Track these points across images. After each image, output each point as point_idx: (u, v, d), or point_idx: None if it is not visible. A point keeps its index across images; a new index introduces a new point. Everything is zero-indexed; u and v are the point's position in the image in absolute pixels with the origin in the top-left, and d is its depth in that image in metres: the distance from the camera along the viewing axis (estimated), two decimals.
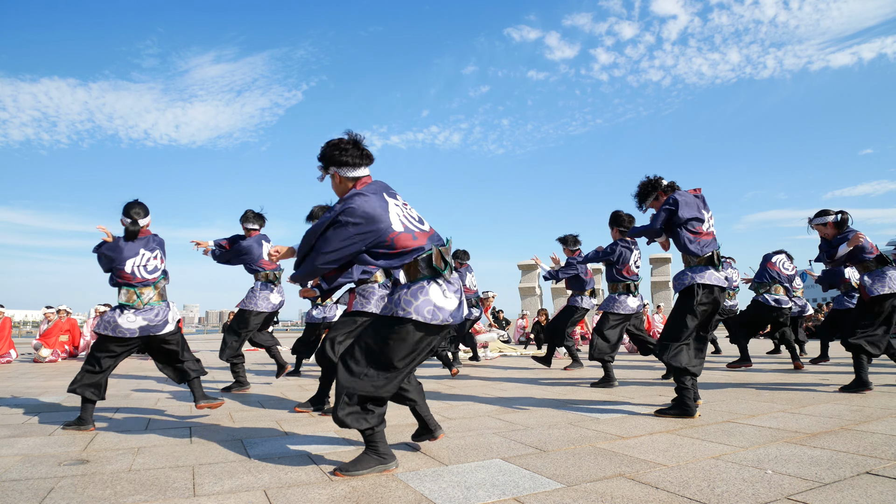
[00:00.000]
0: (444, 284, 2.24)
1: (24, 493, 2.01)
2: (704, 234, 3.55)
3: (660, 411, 3.40)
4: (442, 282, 2.25)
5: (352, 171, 2.31)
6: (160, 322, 3.38)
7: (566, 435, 2.90)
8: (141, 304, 3.36)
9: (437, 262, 2.23)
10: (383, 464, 2.23)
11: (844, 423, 3.02)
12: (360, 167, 2.32)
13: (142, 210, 3.47)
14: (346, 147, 2.30)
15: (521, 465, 2.31)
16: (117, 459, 2.50)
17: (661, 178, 3.80)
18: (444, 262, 2.24)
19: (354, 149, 2.30)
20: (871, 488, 1.90)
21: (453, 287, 2.28)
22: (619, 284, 5.14)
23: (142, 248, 3.38)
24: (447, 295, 2.23)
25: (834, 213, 4.50)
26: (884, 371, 5.68)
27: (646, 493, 1.91)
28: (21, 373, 7.21)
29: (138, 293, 3.37)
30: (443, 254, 2.25)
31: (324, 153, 2.35)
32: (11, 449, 2.72)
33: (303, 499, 1.93)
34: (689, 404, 3.27)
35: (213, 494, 1.99)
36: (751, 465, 2.23)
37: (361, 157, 2.31)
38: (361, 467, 2.20)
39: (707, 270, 3.46)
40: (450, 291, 2.25)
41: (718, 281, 3.46)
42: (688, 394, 3.29)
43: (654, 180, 3.78)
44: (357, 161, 2.30)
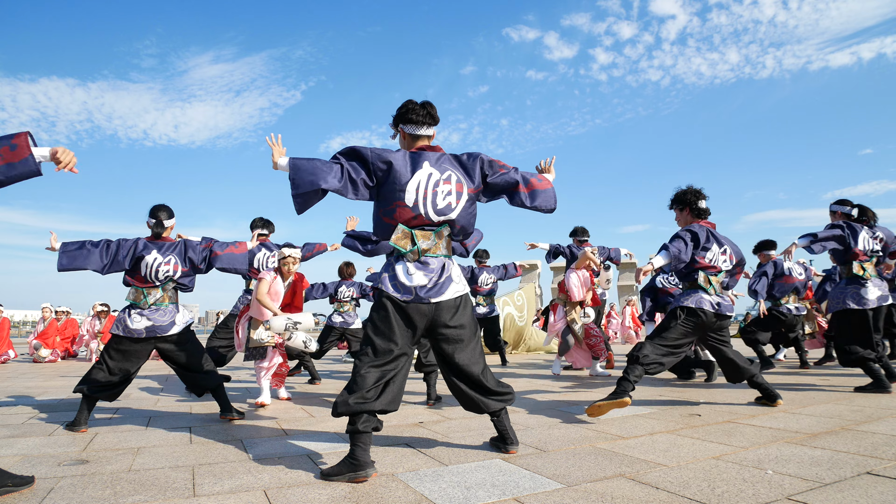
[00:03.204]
0: (409, 264, 2.43)
1: (24, 492, 2.01)
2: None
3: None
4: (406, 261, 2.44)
5: (416, 129, 2.56)
6: (166, 323, 3.38)
7: (566, 435, 2.90)
8: (146, 304, 3.37)
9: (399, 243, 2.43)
10: (354, 472, 2.13)
11: (845, 424, 3.01)
12: (423, 126, 2.56)
13: (166, 213, 3.50)
14: (413, 107, 2.56)
15: (521, 465, 2.31)
16: (117, 459, 2.50)
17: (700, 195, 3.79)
18: (411, 242, 2.43)
19: (421, 109, 2.56)
20: (872, 488, 1.90)
21: (425, 266, 2.43)
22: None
23: (157, 252, 3.39)
24: (411, 272, 2.41)
25: (852, 206, 4.47)
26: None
27: (646, 494, 1.91)
28: (21, 373, 7.21)
29: (145, 293, 3.39)
30: (414, 235, 2.43)
31: (395, 113, 2.62)
32: (11, 449, 2.72)
33: (303, 499, 1.93)
34: (626, 389, 3.29)
35: (213, 494, 1.99)
36: (751, 465, 2.23)
37: (426, 118, 2.56)
38: (335, 472, 2.16)
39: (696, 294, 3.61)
40: (416, 270, 2.42)
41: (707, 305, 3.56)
42: (627, 385, 3.30)
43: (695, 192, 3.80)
44: (421, 120, 2.55)
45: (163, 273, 3.40)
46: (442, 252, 2.50)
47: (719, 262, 3.63)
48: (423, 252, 2.44)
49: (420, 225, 2.44)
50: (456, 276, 2.50)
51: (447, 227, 2.50)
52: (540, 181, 2.70)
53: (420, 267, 2.42)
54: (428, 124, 2.57)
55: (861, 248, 4.26)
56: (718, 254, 3.64)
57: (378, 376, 2.28)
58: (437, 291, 2.41)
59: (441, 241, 2.50)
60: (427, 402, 4.06)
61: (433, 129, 2.60)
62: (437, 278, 2.42)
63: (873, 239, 4.34)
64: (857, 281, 4.27)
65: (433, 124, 2.59)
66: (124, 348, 3.35)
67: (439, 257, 2.48)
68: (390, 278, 2.43)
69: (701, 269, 3.61)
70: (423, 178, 2.41)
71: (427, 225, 2.45)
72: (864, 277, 4.25)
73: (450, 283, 2.46)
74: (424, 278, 2.40)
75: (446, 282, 2.45)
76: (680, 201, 3.79)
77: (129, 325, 3.32)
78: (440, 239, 2.49)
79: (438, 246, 2.49)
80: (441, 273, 2.44)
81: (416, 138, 2.57)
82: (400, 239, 2.43)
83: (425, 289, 2.39)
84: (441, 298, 2.42)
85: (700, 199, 3.73)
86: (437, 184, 2.43)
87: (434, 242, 2.47)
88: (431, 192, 2.42)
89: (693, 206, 3.73)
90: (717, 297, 3.56)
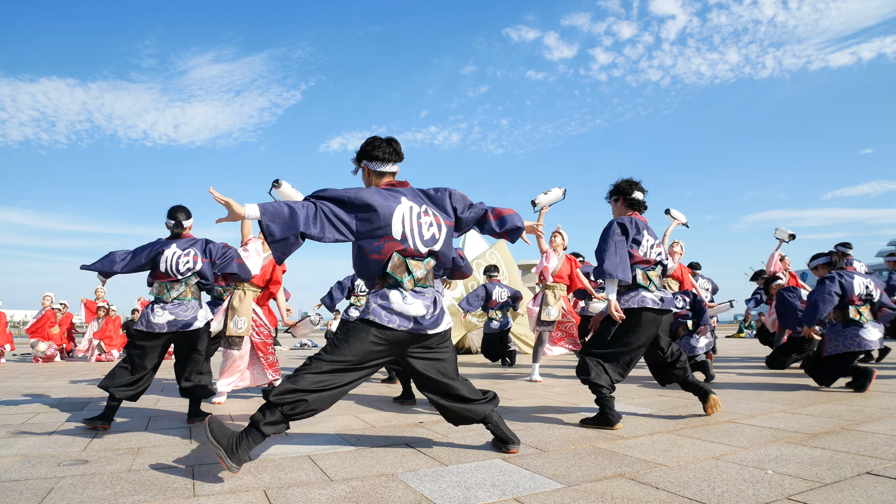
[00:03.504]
0: (406, 292, 2.38)
1: (23, 493, 2.01)
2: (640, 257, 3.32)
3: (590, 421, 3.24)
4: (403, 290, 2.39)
5: (381, 165, 2.54)
6: (189, 317, 3.40)
7: (566, 435, 2.90)
8: (170, 297, 3.40)
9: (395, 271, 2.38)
10: (228, 460, 2.10)
11: (845, 424, 3.01)
12: (388, 163, 2.54)
13: (184, 213, 3.57)
14: (378, 144, 2.54)
15: (521, 465, 2.31)
16: (117, 459, 2.50)
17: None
18: (407, 271, 2.40)
19: (387, 146, 2.54)
20: (872, 488, 1.90)
21: (420, 295, 2.41)
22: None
23: (175, 247, 3.43)
24: (409, 301, 2.36)
25: (833, 256, 4.68)
26: (887, 374, 5.68)
27: (646, 494, 1.91)
28: (21, 373, 7.21)
29: (168, 287, 3.42)
30: (407, 264, 2.39)
31: (359, 148, 2.61)
32: (11, 449, 2.72)
33: (303, 499, 1.93)
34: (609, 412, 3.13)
35: (213, 494, 1.99)
36: (751, 465, 2.23)
37: (392, 154, 2.54)
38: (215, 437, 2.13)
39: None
40: (413, 299, 2.38)
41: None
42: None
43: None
44: (386, 157, 2.53)
45: (183, 265, 3.42)
46: (431, 283, 2.49)
47: (653, 254, 3.34)
48: (418, 281, 2.41)
49: (410, 255, 2.42)
50: (445, 307, 2.53)
51: (433, 259, 2.48)
52: (505, 208, 2.75)
53: (417, 296, 2.39)
54: (393, 161, 2.54)
55: (857, 293, 4.39)
56: (652, 246, 3.36)
57: (319, 385, 2.25)
58: (433, 322, 2.41)
59: (430, 273, 2.48)
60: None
61: (398, 165, 2.57)
62: (434, 309, 2.42)
63: (867, 284, 4.47)
64: (855, 323, 4.35)
65: (398, 161, 2.56)
66: (145, 343, 3.37)
67: (429, 288, 2.47)
68: (384, 308, 2.34)
69: (637, 265, 3.32)
70: (405, 211, 2.39)
71: (416, 256, 2.43)
72: (860, 322, 4.34)
73: (443, 315, 2.48)
74: (423, 308, 2.37)
75: (441, 314, 2.46)
76: (615, 191, 3.54)
77: (151, 319, 3.35)
78: (428, 270, 2.47)
79: (428, 277, 2.47)
80: (435, 304, 2.44)
81: (381, 175, 2.54)
82: (397, 267, 2.38)
83: (425, 318, 2.38)
84: (437, 330, 2.43)
85: (635, 189, 3.48)
86: (419, 216, 2.42)
87: (425, 272, 2.45)
88: (416, 223, 2.41)
89: (627, 197, 3.46)
90: (659, 293, 3.29)
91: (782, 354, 6.34)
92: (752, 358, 7.99)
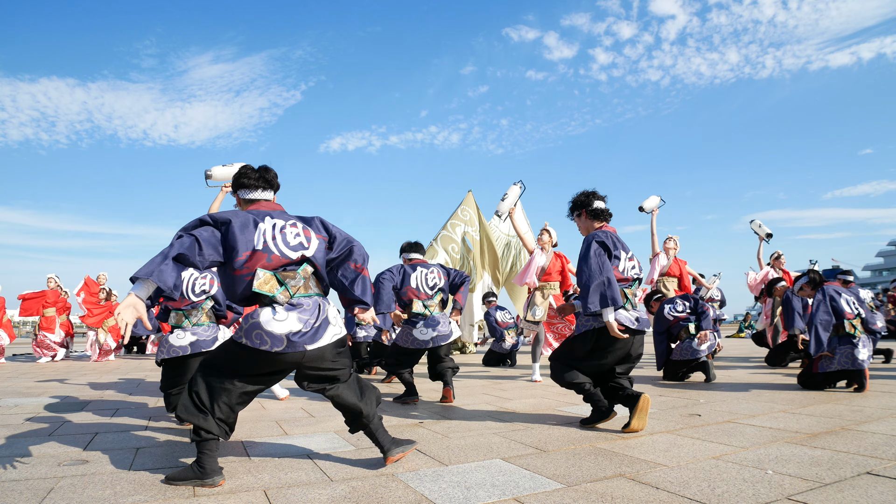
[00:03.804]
0: (278, 308, 2.19)
1: (23, 493, 2.01)
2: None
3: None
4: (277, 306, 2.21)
5: (249, 192, 2.45)
6: (209, 338, 3.43)
7: (566, 435, 2.90)
8: (189, 324, 3.45)
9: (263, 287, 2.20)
10: (200, 479, 2.09)
11: (845, 424, 3.02)
12: (257, 189, 2.44)
13: None
14: (245, 172, 2.46)
15: (521, 465, 2.31)
16: (117, 459, 2.50)
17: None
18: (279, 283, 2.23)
19: (253, 173, 2.45)
20: (872, 488, 1.90)
21: (297, 308, 2.22)
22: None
23: (193, 270, 3.43)
24: (281, 317, 2.17)
25: (813, 276, 4.82)
26: (887, 375, 5.68)
27: (646, 494, 1.91)
28: (21, 373, 7.21)
29: (186, 314, 3.46)
30: (277, 276, 2.22)
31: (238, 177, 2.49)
32: (11, 449, 2.72)
33: (303, 499, 1.93)
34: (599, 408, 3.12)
35: (213, 494, 1.99)
36: (751, 465, 2.23)
37: (259, 181, 2.44)
38: (179, 477, 2.12)
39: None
40: (287, 313, 2.18)
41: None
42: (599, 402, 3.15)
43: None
44: (254, 184, 2.44)
45: (199, 287, 3.46)
46: (314, 291, 2.32)
47: (629, 271, 3.19)
48: (293, 292, 2.24)
49: (281, 265, 2.24)
50: (333, 317, 2.31)
51: (310, 265, 2.31)
52: (369, 283, 2.52)
53: (293, 309, 2.20)
54: (262, 188, 2.44)
55: (848, 310, 4.43)
56: (626, 260, 3.20)
57: (224, 399, 2.20)
58: (311, 337, 2.19)
59: (309, 279, 2.31)
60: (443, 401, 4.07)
61: (270, 192, 2.47)
62: (314, 321, 2.22)
63: (854, 299, 4.53)
64: (850, 340, 4.36)
65: (268, 188, 2.46)
66: (175, 371, 3.41)
67: (313, 297, 2.29)
68: (255, 328, 2.15)
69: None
70: (267, 227, 2.27)
71: (287, 265, 2.25)
72: (855, 336, 4.36)
73: (327, 326, 2.25)
74: (298, 322, 2.18)
75: (323, 325, 2.24)
76: (575, 206, 3.40)
77: (172, 344, 3.36)
78: (307, 277, 2.30)
79: (308, 285, 2.30)
80: (317, 314, 2.24)
81: (249, 202, 2.45)
82: (264, 283, 2.19)
83: (299, 334, 2.17)
84: (318, 345, 2.20)
85: (594, 199, 3.33)
86: (283, 227, 2.29)
87: (302, 280, 2.27)
88: (280, 233, 2.27)
89: (589, 208, 3.31)
90: (635, 312, 3.12)
91: (781, 352, 6.39)
92: (752, 358, 7.99)
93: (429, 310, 4.24)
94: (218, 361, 2.26)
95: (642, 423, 2.91)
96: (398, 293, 4.27)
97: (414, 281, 4.23)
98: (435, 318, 4.22)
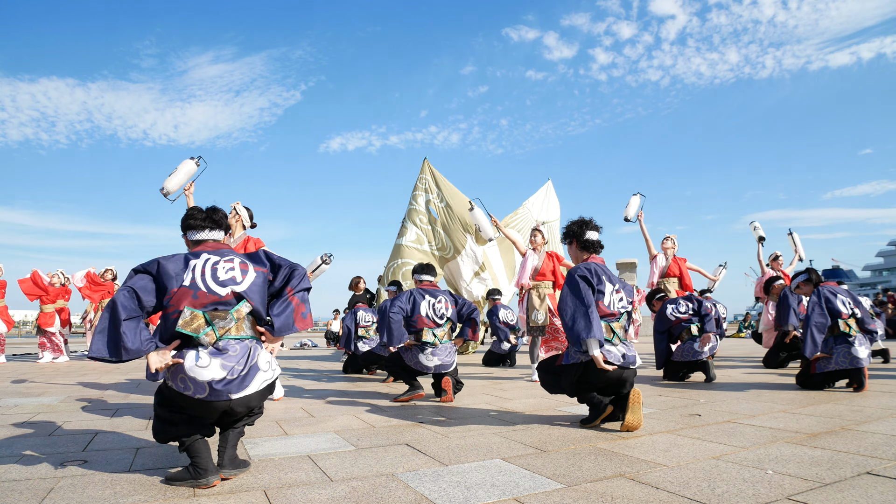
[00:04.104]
0: (202, 352, 2.08)
1: (23, 493, 2.01)
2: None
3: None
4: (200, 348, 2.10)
5: (195, 233, 2.41)
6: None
7: (566, 435, 2.90)
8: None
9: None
10: (195, 479, 2.07)
11: (845, 424, 3.01)
12: (204, 230, 2.40)
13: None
14: (192, 213, 2.43)
15: (521, 465, 2.31)
16: (117, 459, 2.50)
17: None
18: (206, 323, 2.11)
19: (200, 214, 2.43)
20: (872, 488, 1.90)
21: (222, 353, 2.09)
22: None
23: None
24: (203, 363, 2.05)
25: (808, 274, 4.81)
26: (887, 374, 5.68)
27: (646, 494, 1.91)
28: (21, 373, 7.21)
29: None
30: (206, 316, 2.11)
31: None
32: (11, 449, 2.72)
33: (303, 499, 1.93)
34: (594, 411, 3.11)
35: (213, 494, 1.99)
36: (751, 465, 2.23)
37: (206, 221, 2.41)
38: (178, 477, 2.12)
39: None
40: (210, 358, 2.07)
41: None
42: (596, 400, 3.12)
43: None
44: (200, 224, 2.40)
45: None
46: (247, 333, 2.18)
47: (616, 305, 3.09)
48: (221, 334, 2.11)
49: (210, 304, 2.13)
50: (264, 362, 2.18)
51: (245, 305, 2.18)
52: (299, 304, 2.39)
53: (217, 354, 2.08)
54: (209, 228, 2.40)
55: (844, 310, 4.42)
56: (612, 293, 3.10)
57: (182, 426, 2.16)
58: (238, 385, 2.07)
59: (243, 320, 2.18)
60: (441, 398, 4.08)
61: (218, 232, 2.42)
62: (241, 368, 2.09)
63: (849, 299, 4.54)
64: (846, 339, 4.35)
65: (216, 228, 2.42)
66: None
67: (245, 339, 2.16)
68: (177, 374, 2.08)
69: (600, 319, 3.02)
70: (199, 263, 2.19)
71: (218, 303, 2.14)
72: (850, 335, 4.35)
73: (255, 373, 2.13)
74: (222, 370, 2.05)
75: (251, 371, 2.12)
76: (567, 234, 3.36)
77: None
78: (240, 318, 2.16)
79: (241, 326, 2.17)
80: (245, 361, 2.11)
81: (197, 243, 2.39)
82: (189, 322, 2.08)
83: (223, 382, 2.04)
84: (244, 393, 2.08)
85: (587, 230, 3.27)
86: (215, 263, 2.20)
87: (234, 321, 2.15)
88: (210, 268, 2.18)
89: (580, 239, 3.28)
90: (623, 347, 3.02)
91: (776, 353, 6.39)
92: (752, 358, 7.99)
93: (437, 338, 4.30)
94: (164, 394, 2.21)
95: (637, 418, 2.89)
96: (409, 321, 4.32)
97: (423, 309, 4.31)
98: (443, 347, 4.28)
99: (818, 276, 4.78)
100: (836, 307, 4.40)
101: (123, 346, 1.97)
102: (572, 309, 2.98)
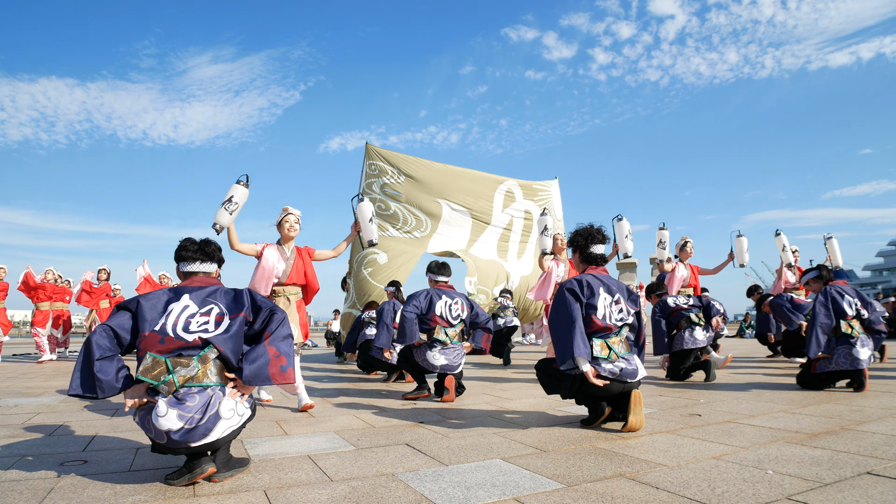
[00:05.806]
0: (160, 402, 2.00)
1: (23, 493, 2.01)
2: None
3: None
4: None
5: (187, 265, 2.43)
6: None
7: (566, 435, 2.90)
8: None
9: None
10: (191, 472, 2.07)
11: (845, 424, 3.01)
12: (195, 262, 2.43)
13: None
14: (184, 245, 2.45)
15: (521, 465, 2.31)
16: (117, 459, 2.50)
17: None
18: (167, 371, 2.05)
19: (191, 245, 2.45)
20: (872, 488, 1.90)
21: (179, 404, 2.01)
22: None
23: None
24: (161, 413, 1.98)
25: (819, 270, 4.82)
26: (887, 375, 5.68)
27: (646, 494, 1.91)
28: (21, 373, 7.21)
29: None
30: (168, 363, 2.05)
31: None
32: (11, 449, 2.72)
33: (303, 499, 1.93)
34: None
35: (213, 494, 1.99)
36: (751, 465, 2.23)
37: (197, 253, 2.43)
38: (177, 476, 2.09)
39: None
40: (168, 408, 1.99)
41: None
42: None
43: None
44: (191, 256, 2.43)
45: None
46: (213, 380, 2.08)
47: (614, 317, 2.97)
48: (181, 382, 2.03)
49: (175, 349, 2.08)
50: (227, 410, 2.05)
51: (212, 350, 2.12)
52: (280, 357, 2.31)
53: (175, 404, 1.98)
54: (201, 260, 2.41)
55: (849, 311, 4.41)
56: (609, 305, 2.98)
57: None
58: (201, 434, 1.99)
59: (209, 365, 2.09)
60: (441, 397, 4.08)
61: (210, 265, 2.43)
62: (199, 417, 1.99)
63: (857, 300, 4.51)
64: (847, 340, 4.34)
65: (207, 260, 2.42)
66: None
67: (209, 387, 2.06)
68: (145, 416, 2.06)
69: (594, 335, 2.95)
70: (176, 309, 2.16)
71: (183, 349, 2.08)
72: (852, 336, 4.34)
73: (216, 421, 2.02)
74: (179, 420, 1.96)
75: (211, 420, 2.01)
76: (572, 243, 3.28)
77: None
78: (205, 364, 2.09)
79: (207, 372, 2.08)
80: (205, 410, 2.00)
81: (186, 275, 2.41)
82: (149, 370, 2.03)
83: (181, 432, 1.97)
84: (204, 441, 2.01)
85: (592, 243, 3.17)
86: (192, 314, 2.17)
87: (198, 368, 2.06)
88: (183, 315, 2.15)
89: (584, 252, 3.21)
90: (620, 363, 2.93)
91: (800, 346, 6.35)
92: (752, 358, 7.99)
93: (449, 338, 4.32)
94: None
95: (639, 419, 2.87)
96: (423, 318, 4.35)
97: (439, 309, 4.35)
98: (452, 348, 4.31)
99: (829, 274, 4.72)
100: (841, 308, 4.39)
101: (98, 384, 2.03)
102: (557, 326, 2.95)
